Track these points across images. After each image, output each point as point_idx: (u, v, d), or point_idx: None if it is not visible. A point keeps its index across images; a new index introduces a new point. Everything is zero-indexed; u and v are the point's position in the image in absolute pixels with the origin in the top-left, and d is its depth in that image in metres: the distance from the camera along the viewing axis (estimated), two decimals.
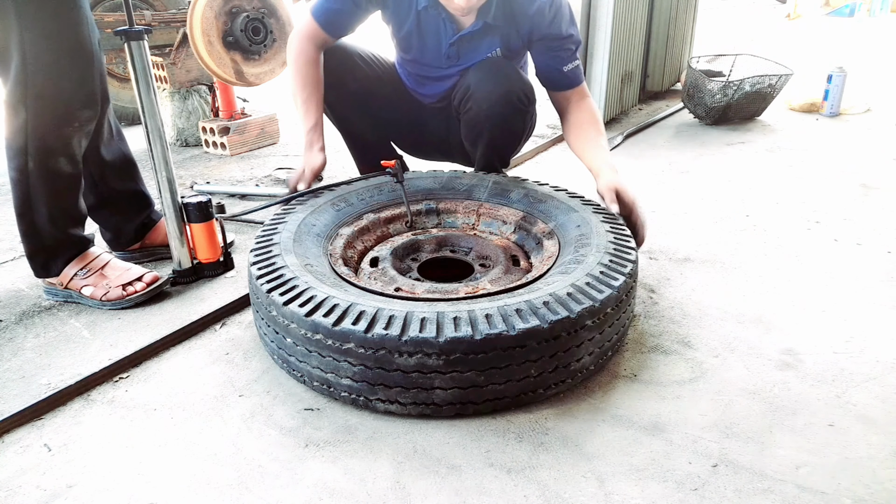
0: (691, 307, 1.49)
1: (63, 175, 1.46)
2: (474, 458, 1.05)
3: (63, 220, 1.51)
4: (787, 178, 2.37)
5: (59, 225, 1.50)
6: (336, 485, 1.00)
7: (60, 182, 1.46)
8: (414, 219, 1.65)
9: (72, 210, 1.52)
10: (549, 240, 1.49)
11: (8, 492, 1.00)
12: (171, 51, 2.85)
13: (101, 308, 1.52)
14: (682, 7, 3.67)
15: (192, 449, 1.08)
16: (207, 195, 1.62)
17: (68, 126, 1.41)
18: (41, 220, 1.47)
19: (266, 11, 2.55)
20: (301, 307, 1.12)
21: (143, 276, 1.56)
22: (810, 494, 0.96)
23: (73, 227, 1.54)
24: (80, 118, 1.42)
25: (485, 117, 1.68)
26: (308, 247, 1.39)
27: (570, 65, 1.67)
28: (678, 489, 0.97)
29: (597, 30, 2.85)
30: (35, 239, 1.50)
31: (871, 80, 3.97)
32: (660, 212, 2.08)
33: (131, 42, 1.41)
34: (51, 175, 1.44)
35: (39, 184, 1.43)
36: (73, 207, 1.52)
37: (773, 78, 3.02)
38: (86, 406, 1.20)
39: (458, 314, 1.08)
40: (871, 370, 1.24)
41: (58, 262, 1.54)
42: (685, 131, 3.08)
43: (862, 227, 1.91)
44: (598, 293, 1.15)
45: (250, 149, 2.91)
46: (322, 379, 1.15)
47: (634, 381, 1.23)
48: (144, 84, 1.46)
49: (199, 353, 1.36)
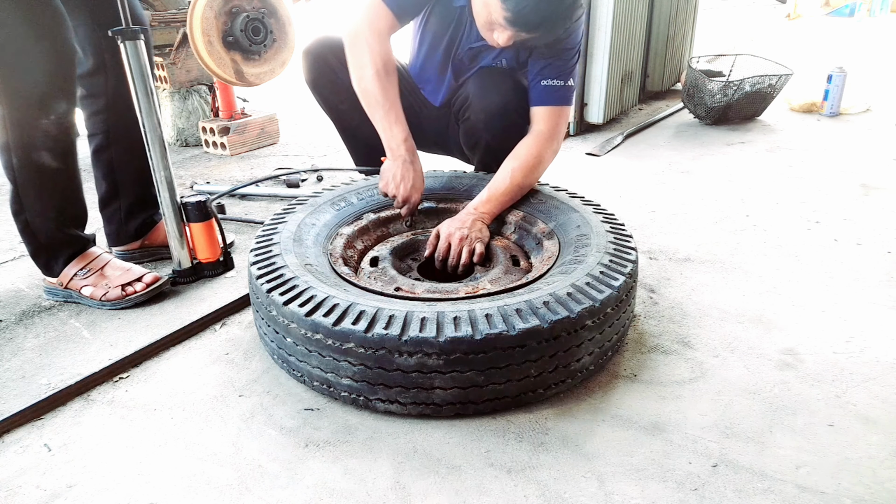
0: (691, 307, 1.49)
1: (48, 170, 1.44)
2: (474, 458, 1.05)
3: (58, 218, 1.50)
4: (787, 178, 2.37)
5: (54, 223, 1.50)
6: (336, 485, 1.00)
7: (46, 177, 1.45)
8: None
9: (67, 207, 1.52)
10: (549, 240, 1.49)
11: (8, 492, 1.00)
12: (171, 51, 2.85)
13: (101, 308, 1.52)
14: (682, 7, 3.67)
15: (192, 449, 1.08)
16: (207, 195, 1.62)
17: (45, 118, 1.39)
18: (33, 217, 1.47)
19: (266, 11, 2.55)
20: (301, 307, 1.12)
21: (142, 276, 1.56)
22: (810, 494, 0.96)
23: (70, 225, 1.54)
24: (57, 111, 1.41)
25: (483, 128, 1.67)
26: (308, 246, 1.39)
27: (553, 81, 1.57)
28: (678, 489, 0.97)
29: (597, 30, 2.85)
30: (31, 237, 1.50)
31: (871, 80, 3.97)
32: (660, 212, 2.08)
33: (126, 42, 1.41)
34: (35, 170, 1.42)
35: (25, 180, 1.43)
36: (68, 205, 1.52)
37: (773, 78, 3.02)
38: (86, 406, 1.20)
39: (459, 314, 1.08)
40: (871, 370, 1.24)
41: (58, 261, 1.54)
42: (685, 131, 3.08)
43: (862, 227, 1.91)
44: (598, 293, 1.15)
45: (250, 149, 2.91)
46: (322, 379, 1.15)
47: (634, 381, 1.23)
48: (142, 84, 1.45)
49: (199, 353, 1.36)
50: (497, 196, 1.53)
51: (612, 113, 3.13)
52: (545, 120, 1.59)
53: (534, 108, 1.61)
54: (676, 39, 3.74)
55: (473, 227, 1.47)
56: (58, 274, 1.54)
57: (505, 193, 1.54)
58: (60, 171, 1.47)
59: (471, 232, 1.46)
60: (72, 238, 1.54)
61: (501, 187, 1.53)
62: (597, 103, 3.00)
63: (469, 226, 1.47)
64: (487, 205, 1.53)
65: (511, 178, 1.53)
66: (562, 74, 1.59)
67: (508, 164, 1.55)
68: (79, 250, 1.56)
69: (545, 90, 1.59)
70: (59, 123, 1.42)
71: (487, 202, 1.53)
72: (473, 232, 1.47)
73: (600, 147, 2.81)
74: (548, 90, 1.59)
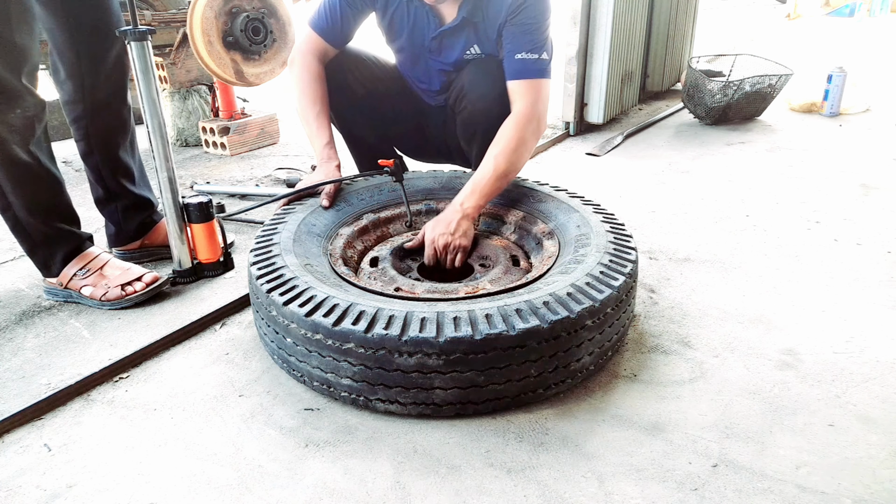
0: (691, 307, 1.49)
1: (22, 164, 1.42)
2: (474, 458, 1.05)
3: (44, 214, 1.50)
4: (787, 178, 2.37)
5: (42, 218, 1.49)
6: (336, 485, 1.00)
7: (21, 171, 1.43)
8: (414, 218, 1.65)
9: (52, 204, 1.51)
10: (548, 240, 1.49)
11: (8, 492, 1.00)
12: (171, 51, 2.85)
13: (101, 308, 1.52)
14: (682, 7, 3.67)
15: (192, 449, 1.08)
16: (208, 195, 1.62)
17: (10, 112, 1.38)
18: (21, 213, 1.46)
19: (266, 11, 2.55)
20: (301, 307, 1.12)
21: (142, 276, 1.56)
22: (810, 494, 0.96)
23: (60, 221, 1.53)
24: (21, 105, 1.39)
25: (479, 118, 1.67)
26: (308, 247, 1.39)
27: (525, 54, 1.55)
28: (678, 489, 0.97)
29: (597, 30, 2.85)
30: (22, 234, 1.50)
31: (871, 79, 3.97)
32: (660, 212, 2.08)
33: (134, 42, 1.41)
34: (11, 164, 1.41)
35: (3, 175, 1.42)
36: (53, 202, 1.51)
37: (773, 78, 3.02)
38: (86, 406, 1.20)
39: (458, 314, 1.08)
40: (871, 370, 1.24)
41: (55, 259, 1.53)
42: (685, 131, 3.08)
43: (862, 227, 1.91)
44: (598, 293, 1.15)
45: (250, 149, 2.91)
46: (322, 379, 1.15)
47: (634, 381, 1.23)
48: (146, 84, 1.45)
49: (199, 353, 1.36)
50: (480, 187, 1.50)
51: (612, 113, 3.13)
52: (522, 96, 1.55)
53: (510, 85, 1.58)
54: (676, 39, 3.74)
55: (458, 230, 1.45)
56: (57, 274, 1.54)
57: (489, 183, 1.50)
58: (32, 166, 1.45)
59: (454, 237, 1.45)
60: (63, 234, 1.54)
61: (485, 177, 1.50)
62: (597, 103, 3.00)
63: (453, 229, 1.45)
64: (472, 198, 1.49)
65: (494, 165, 1.50)
66: (535, 48, 1.56)
67: (490, 151, 1.53)
68: (75, 248, 1.56)
69: (519, 63, 1.57)
70: (24, 117, 1.40)
71: (472, 195, 1.50)
72: (457, 236, 1.45)
73: (600, 147, 2.81)
74: (522, 63, 1.56)
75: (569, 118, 3.01)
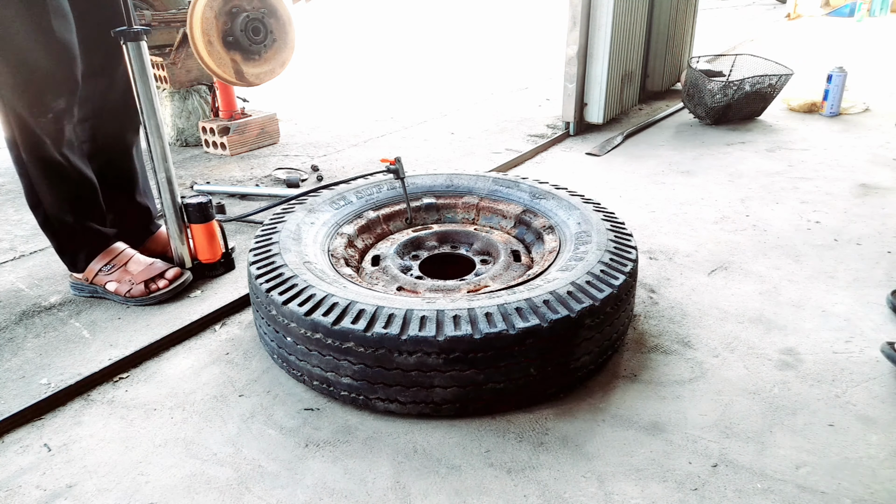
0: (691, 307, 1.49)
1: (55, 164, 1.45)
2: (474, 458, 1.05)
3: (74, 212, 1.51)
4: (787, 178, 2.36)
5: (71, 215, 1.51)
6: (336, 485, 1.00)
7: (54, 171, 1.45)
8: (414, 215, 1.65)
9: (83, 203, 1.53)
10: (549, 234, 1.49)
11: (8, 492, 1.00)
12: (171, 51, 2.85)
13: (126, 305, 1.53)
14: (682, 7, 3.67)
15: (191, 449, 1.08)
16: (208, 195, 1.62)
17: (43, 116, 1.39)
18: (51, 210, 1.48)
19: (266, 11, 2.55)
20: (300, 306, 1.12)
21: (165, 271, 1.57)
22: (810, 494, 0.96)
23: (89, 219, 1.55)
24: (55, 108, 1.41)
25: None
26: (308, 245, 1.39)
27: None
28: (678, 489, 0.97)
29: (597, 30, 2.85)
30: (52, 230, 1.51)
31: (871, 79, 3.96)
32: (660, 212, 2.08)
33: (129, 42, 1.41)
34: (44, 164, 1.43)
35: (37, 173, 1.44)
36: (83, 200, 1.53)
37: (773, 78, 3.02)
38: (86, 406, 1.20)
39: (458, 313, 1.08)
40: (871, 370, 1.24)
41: (81, 256, 1.55)
42: (685, 131, 3.08)
43: (862, 227, 1.91)
44: (598, 292, 1.15)
45: (250, 149, 2.91)
46: (322, 378, 1.15)
47: (634, 381, 1.23)
48: (144, 84, 1.45)
49: (199, 353, 1.36)
50: None
51: (612, 113, 3.13)
52: None
53: None
54: (676, 39, 3.74)
55: None
56: (83, 269, 1.55)
57: None
58: (64, 166, 1.47)
59: None
60: (92, 232, 1.55)
61: None
62: (597, 103, 3.00)
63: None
64: None
65: None
66: None
67: None
68: (101, 245, 1.56)
69: None
70: (56, 120, 1.42)
71: None
72: None
73: (600, 147, 2.81)
74: None
75: (569, 118, 3.00)
